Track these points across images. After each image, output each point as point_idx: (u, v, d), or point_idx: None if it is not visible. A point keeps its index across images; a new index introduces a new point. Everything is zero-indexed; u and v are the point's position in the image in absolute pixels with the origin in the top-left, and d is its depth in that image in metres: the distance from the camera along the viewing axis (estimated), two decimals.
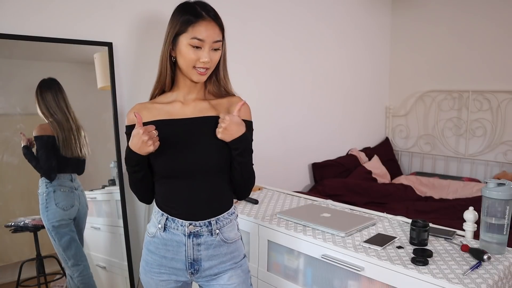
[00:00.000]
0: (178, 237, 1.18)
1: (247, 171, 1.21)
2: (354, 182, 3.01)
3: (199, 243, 1.18)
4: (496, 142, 3.25)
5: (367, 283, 1.35)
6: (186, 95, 1.23)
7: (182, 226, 1.17)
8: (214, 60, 1.17)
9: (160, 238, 1.20)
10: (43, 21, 1.80)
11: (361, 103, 3.59)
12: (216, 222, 1.18)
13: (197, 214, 1.17)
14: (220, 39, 1.16)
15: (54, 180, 1.80)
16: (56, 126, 1.80)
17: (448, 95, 3.49)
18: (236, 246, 1.24)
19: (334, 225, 1.55)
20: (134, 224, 2.19)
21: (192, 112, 1.21)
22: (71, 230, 1.84)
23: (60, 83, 1.85)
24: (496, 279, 1.17)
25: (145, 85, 2.18)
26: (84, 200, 1.91)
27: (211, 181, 1.18)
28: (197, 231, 1.17)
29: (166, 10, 2.22)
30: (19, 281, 1.81)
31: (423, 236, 1.40)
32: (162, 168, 1.16)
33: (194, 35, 1.12)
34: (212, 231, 1.18)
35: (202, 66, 1.15)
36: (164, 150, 1.14)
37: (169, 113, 1.20)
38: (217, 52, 1.17)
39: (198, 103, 1.23)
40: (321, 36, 3.12)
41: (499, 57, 3.21)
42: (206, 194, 1.18)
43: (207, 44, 1.13)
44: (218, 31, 1.15)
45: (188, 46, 1.13)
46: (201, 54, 1.13)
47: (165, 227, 1.19)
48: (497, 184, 1.32)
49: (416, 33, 3.66)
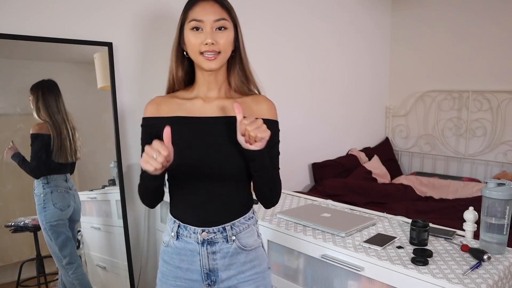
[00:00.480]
0: (191, 245, 1.09)
1: (270, 181, 1.11)
2: (354, 182, 3.01)
3: (214, 251, 1.08)
4: (496, 142, 3.25)
5: (367, 283, 1.35)
6: (207, 92, 1.13)
7: (195, 233, 1.08)
8: (222, 42, 1.05)
9: (173, 247, 1.12)
10: (43, 21, 1.80)
11: (361, 103, 3.59)
12: (231, 228, 1.09)
13: (210, 219, 1.08)
14: (223, 17, 1.05)
15: (51, 181, 1.81)
16: (53, 129, 1.81)
17: (448, 95, 3.49)
18: (256, 254, 1.14)
19: (334, 225, 1.55)
20: (134, 224, 2.20)
21: (213, 111, 1.11)
22: (67, 230, 1.85)
23: (58, 85, 1.85)
24: (496, 279, 1.17)
25: (145, 85, 2.19)
26: (78, 199, 1.91)
27: (228, 186, 1.09)
28: (211, 238, 1.08)
29: (166, 10, 2.22)
30: (19, 281, 1.81)
31: (423, 236, 1.40)
32: (176, 169, 1.05)
33: (192, 17, 1.05)
34: (228, 238, 1.09)
35: (207, 49, 1.03)
36: (179, 150, 1.03)
37: (189, 111, 1.11)
38: (224, 32, 1.05)
39: (220, 101, 1.12)
40: (321, 36, 3.12)
41: (499, 57, 3.20)
42: (222, 199, 1.09)
43: (207, 24, 1.04)
44: (219, 9, 1.05)
45: (189, 31, 1.05)
46: (203, 36, 1.04)
47: (177, 235, 1.11)
48: (497, 184, 1.32)
49: (416, 33, 3.66)
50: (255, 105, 1.13)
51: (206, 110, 1.11)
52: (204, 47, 1.03)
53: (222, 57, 1.06)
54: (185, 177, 1.08)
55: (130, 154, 2.14)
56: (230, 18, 1.07)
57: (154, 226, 2.27)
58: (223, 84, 1.14)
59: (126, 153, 2.11)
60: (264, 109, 1.13)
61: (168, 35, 2.24)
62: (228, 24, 1.06)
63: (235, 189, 1.10)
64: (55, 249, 1.79)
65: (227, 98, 1.13)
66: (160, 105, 1.13)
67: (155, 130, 1.08)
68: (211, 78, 1.11)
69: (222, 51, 1.05)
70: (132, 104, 2.13)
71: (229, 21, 1.07)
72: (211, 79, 1.11)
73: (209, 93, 1.13)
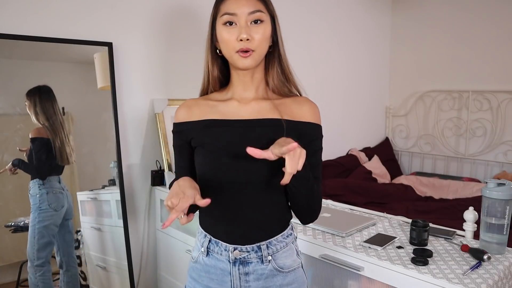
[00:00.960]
0: (222, 263, 0.98)
1: (309, 194, 0.96)
2: (354, 182, 3.01)
3: (247, 272, 0.97)
4: (496, 142, 3.24)
5: (367, 283, 1.35)
6: (242, 93, 1.02)
7: (226, 251, 0.97)
8: (258, 37, 0.93)
9: (202, 264, 1.01)
10: (43, 21, 1.80)
11: (361, 103, 3.59)
12: (267, 247, 0.97)
13: (243, 236, 0.97)
14: (258, 9, 0.94)
15: (46, 182, 1.84)
16: (52, 132, 1.84)
17: (448, 95, 3.49)
18: (295, 276, 1.01)
19: (334, 225, 1.55)
20: (134, 224, 2.20)
21: (249, 113, 0.99)
22: (53, 235, 1.87)
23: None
24: (496, 279, 1.17)
25: (145, 85, 2.20)
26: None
27: (263, 197, 0.97)
28: (243, 257, 0.97)
29: (166, 10, 2.22)
30: (19, 281, 1.81)
31: (423, 236, 1.40)
32: (206, 176, 0.97)
33: (224, 10, 0.94)
34: (263, 258, 0.97)
35: (242, 47, 0.92)
36: (210, 155, 0.96)
37: (223, 113, 1.00)
38: (260, 26, 0.94)
39: (257, 102, 1.01)
40: (321, 36, 3.12)
41: (499, 57, 3.20)
42: (256, 212, 0.97)
43: (241, 18, 0.93)
44: (254, 1, 0.95)
45: (222, 26, 0.95)
46: (237, 31, 0.93)
47: (208, 251, 1.00)
48: (497, 184, 1.32)
49: (416, 33, 3.66)
50: (296, 107, 1.01)
51: (242, 112, 1.00)
52: (239, 44, 0.92)
53: (258, 53, 0.95)
54: (216, 185, 0.96)
55: (130, 154, 2.14)
56: (266, 9, 0.97)
57: (154, 226, 2.27)
58: (260, 83, 1.03)
59: (126, 153, 2.11)
60: (306, 111, 1.01)
61: (168, 35, 2.25)
62: (265, 16, 0.95)
63: (271, 202, 0.99)
64: (34, 249, 1.81)
65: (264, 99, 1.02)
66: (191, 109, 1.02)
67: (186, 136, 1.01)
68: (247, 77, 1.00)
69: (258, 47, 0.94)
70: (131, 104, 2.13)
71: (266, 13, 0.96)
72: (247, 78, 1.00)
73: (245, 94, 1.02)
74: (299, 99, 1.04)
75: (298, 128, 0.98)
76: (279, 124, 0.96)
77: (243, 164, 0.94)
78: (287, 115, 0.98)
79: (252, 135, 0.96)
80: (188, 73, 2.31)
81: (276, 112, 0.99)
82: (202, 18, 2.36)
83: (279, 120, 0.97)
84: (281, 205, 1.00)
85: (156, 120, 2.16)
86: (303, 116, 1.01)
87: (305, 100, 1.04)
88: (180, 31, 2.28)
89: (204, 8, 2.36)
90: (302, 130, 0.99)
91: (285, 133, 0.94)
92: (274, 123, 0.97)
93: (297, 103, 1.02)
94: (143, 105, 2.18)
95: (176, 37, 2.27)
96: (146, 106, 2.18)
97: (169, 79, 2.26)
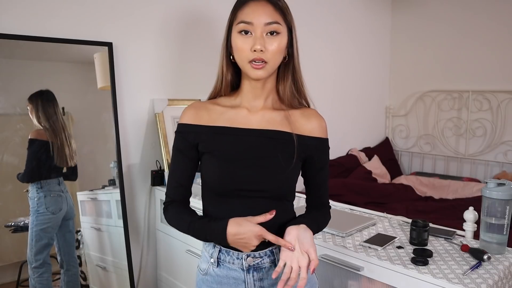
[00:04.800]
0: (235, 272, 0.98)
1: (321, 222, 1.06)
2: (354, 182, 3.01)
3: (262, 278, 0.98)
4: (496, 142, 3.24)
5: (367, 283, 1.35)
6: (252, 101, 1.01)
7: (239, 259, 0.97)
8: (272, 49, 0.92)
9: (213, 275, 1.00)
10: (43, 21, 1.80)
11: (361, 103, 3.59)
12: (279, 250, 0.96)
13: None
14: (275, 21, 0.93)
15: (44, 186, 1.84)
16: (53, 135, 1.85)
17: (448, 95, 3.49)
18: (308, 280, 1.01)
19: (334, 225, 1.55)
20: (134, 224, 2.20)
21: (259, 123, 1.00)
22: (51, 238, 1.88)
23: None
24: (496, 279, 1.17)
25: (145, 85, 2.19)
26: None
27: (273, 205, 0.97)
28: (257, 263, 0.98)
29: (166, 10, 2.22)
30: (19, 281, 1.81)
31: (423, 236, 1.40)
32: (215, 184, 0.97)
33: (241, 18, 0.93)
34: (276, 262, 0.98)
35: (256, 57, 0.91)
36: (219, 163, 0.96)
37: (231, 120, 1.00)
38: (276, 38, 0.93)
39: (267, 112, 1.01)
40: (320, 35, 3.12)
41: (499, 57, 3.20)
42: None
43: (257, 28, 0.92)
44: (272, 11, 0.93)
45: (237, 34, 0.94)
46: (252, 41, 0.92)
47: (218, 261, 0.99)
48: (497, 184, 1.32)
49: (416, 33, 3.66)
50: (305, 121, 1.02)
51: (251, 121, 1.00)
52: (253, 54, 0.92)
53: (271, 65, 0.94)
54: (224, 193, 0.97)
55: (130, 154, 2.14)
56: (284, 21, 0.96)
57: (154, 226, 2.27)
58: (271, 93, 1.02)
59: (126, 153, 2.11)
60: (315, 127, 1.03)
61: (168, 35, 2.25)
62: (282, 28, 0.95)
63: (281, 209, 0.99)
64: (32, 251, 1.82)
65: (274, 109, 1.02)
66: (200, 112, 1.01)
67: (193, 139, 1.00)
68: (257, 86, 0.99)
69: (271, 59, 0.94)
70: (131, 104, 2.13)
71: (283, 25, 0.95)
72: (258, 87, 0.99)
73: (255, 102, 1.01)
74: (308, 112, 1.04)
75: (307, 143, 1.01)
76: (290, 138, 0.98)
77: (253, 173, 0.96)
78: (296, 128, 1.00)
79: (262, 145, 0.97)
80: (188, 73, 2.31)
81: (285, 124, 1.00)
82: (202, 18, 2.36)
83: (290, 134, 0.98)
84: (292, 211, 1.05)
85: (156, 120, 2.16)
86: (311, 131, 1.02)
87: (314, 114, 1.05)
88: (180, 31, 2.28)
89: (204, 8, 2.36)
90: (311, 145, 1.01)
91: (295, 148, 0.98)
92: (284, 136, 0.98)
93: (306, 117, 1.03)
94: (143, 105, 2.18)
95: (176, 37, 2.27)
96: (146, 106, 2.18)
97: (169, 79, 2.26)
